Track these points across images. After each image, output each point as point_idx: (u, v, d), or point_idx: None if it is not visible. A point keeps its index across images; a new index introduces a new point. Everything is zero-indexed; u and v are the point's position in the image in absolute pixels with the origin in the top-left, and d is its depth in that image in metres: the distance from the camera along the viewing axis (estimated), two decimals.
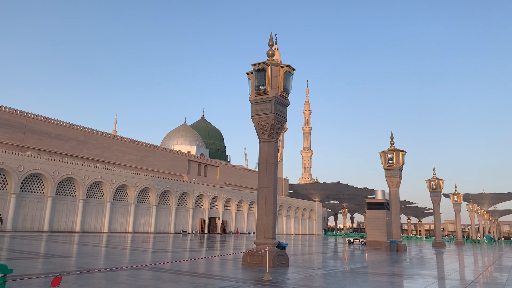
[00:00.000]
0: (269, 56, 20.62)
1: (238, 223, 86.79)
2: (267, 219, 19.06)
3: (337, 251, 37.44)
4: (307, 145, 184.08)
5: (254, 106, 20.18)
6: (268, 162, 19.74)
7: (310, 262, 23.21)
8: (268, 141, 19.88)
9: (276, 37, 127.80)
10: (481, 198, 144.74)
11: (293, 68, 20.28)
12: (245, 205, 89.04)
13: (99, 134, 69.38)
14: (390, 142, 42.76)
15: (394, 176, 41.62)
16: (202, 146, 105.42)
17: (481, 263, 28.35)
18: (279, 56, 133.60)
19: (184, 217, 72.88)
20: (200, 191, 76.11)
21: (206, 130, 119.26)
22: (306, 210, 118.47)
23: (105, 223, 58.28)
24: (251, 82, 20.42)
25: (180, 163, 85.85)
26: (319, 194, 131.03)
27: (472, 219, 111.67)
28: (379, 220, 51.86)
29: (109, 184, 58.79)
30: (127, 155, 73.71)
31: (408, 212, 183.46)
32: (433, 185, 63.45)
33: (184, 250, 29.32)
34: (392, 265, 23.15)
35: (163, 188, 67.89)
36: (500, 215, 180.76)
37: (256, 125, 20.12)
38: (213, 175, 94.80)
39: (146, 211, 65.53)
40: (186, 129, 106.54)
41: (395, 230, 42.42)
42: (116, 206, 60.47)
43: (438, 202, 64.01)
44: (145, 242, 38.29)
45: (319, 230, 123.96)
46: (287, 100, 20.51)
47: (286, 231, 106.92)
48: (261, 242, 18.72)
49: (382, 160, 42.44)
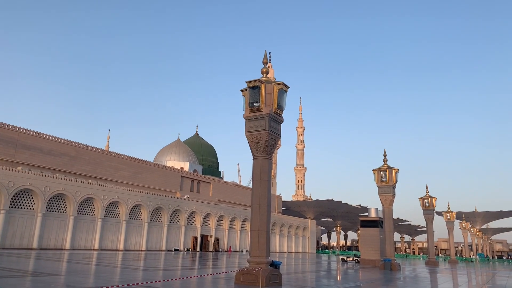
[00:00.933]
0: (263, 74, 20.78)
1: (231, 240, 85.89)
2: (260, 237, 18.88)
3: (331, 269, 37.09)
4: (300, 162, 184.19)
5: (248, 123, 20.22)
6: (262, 179, 19.67)
7: (303, 281, 22.94)
8: (262, 157, 19.86)
9: (270, 55, 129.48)
10: (474, 216, 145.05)
11: (287, 85, 20.44)
12: (238, 222, 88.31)
13: (91, 149, 68.95)
14: (383, 159, 42.94)
15: (388, 193, 41.64)
16: (195, 162, 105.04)
17: (474, 282, 28.22)
18: (272, 74, 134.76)
19: (176, 234, 71.99)
20: (193, 208, 75.45)
21: (200, 146, 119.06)
22: (300, 228, 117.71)
23: (96, 240, 57.35)
24: (245, 99, 20.51)
25: (172, 180, 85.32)
26: (313, 211, 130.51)
27: (465, 237, 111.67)
28: (372, 238, 51.64)
29: (100, 200, 58.10)
30: (119, 171, 73.15)
31: (401, 230, 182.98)
32: (426, 203, 63.56)
33: (176, 268, 28.86)
34: (386, 284, 22.95)
35: (155, 204, 67.23)
36: (493, 233, 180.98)
37: (250, 142, 20.12)
38: (206, 192, 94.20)
39: (138, 228, 64.67)
40: (179, 145, 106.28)
41: (388, 248, 42.20)
42: (107, 223, 59.65)
43: (431, 220, 64.02)
44: (136, 259, 37.66)
45: (312, 248, 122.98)
46: (281, 117, 20.59)
47: (279, 249, 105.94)
48: (254, 261, 18.49)
49: (375, 177, 42.52)
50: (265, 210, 19.25)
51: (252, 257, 18.73)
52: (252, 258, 18.71)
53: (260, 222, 19.10)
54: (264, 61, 21.17)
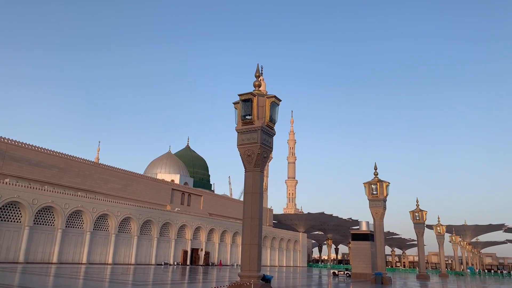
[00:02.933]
0: (255, 87, 20.88)
1: (222, 254, 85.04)
2: (252, 250, 18.72)
3: (322, 283, 36.82)
4: (291, 174, 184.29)
5: (240, 136, 20.23)
6: (254, 192, 19.60)
7: None
8: (254, 170, 19.83)
9: (262, 68, 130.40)
10: (464, 229, 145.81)
11: (279, 98, 20.54)
12: (228, 235, 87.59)
13: (81, 161, 68.23)
14: (374, 173, 43.12)
15: (379, 207, 41.71)
16: (186, 175, 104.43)
17: None
18: (264, 87, 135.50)
19: (166, 248, 71.10)
20: (183, 221, 74.73)
21: (191, 158, 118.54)
22: (291, 241, 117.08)
23: (84, 254, 56.34)
24: (237, 111, 20.56)
25: (163, 192, 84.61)
26: (304, 224, 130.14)
27: (455, 250, 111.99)
28: (364, 251, 51.47)
29: (89, 213, 57.28)
30: (109, 183, 72.38)
31: (392, 244, 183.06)
32: (416, 217, 63.69)
33: (166, 283, 28.42)
34: None
35: (145, 217, 66.46)
36: (482, 247, 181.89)
37: (242, 155, 20.10)
38: (196, 205, 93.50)
39: (127, 242, 63.75)
40: (170, 157, 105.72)
41: (379, 262, 42.11)
42: (96, 236, 58.72)
43: (422, 233, 64.09)
44: (125, 274, 37.04)
45: (303, 261, 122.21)
46: (273, 130, 20.64)
47: (270, 262, 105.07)
48: (245, 275, 18.30)
49: (366, 191, 42.61)
50: (256, 223, 19.14)
51: (244, 271, 18.54)
52: (244, 272, 18.51)
53: (251, 235, 18.96)
54: (256, 74, 21.31)
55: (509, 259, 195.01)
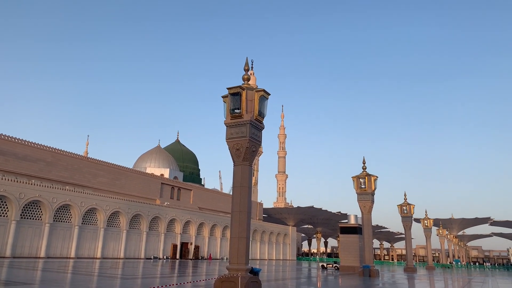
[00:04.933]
0: (244, 80, 20.82)
1: (211, 248, 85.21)
2: (240, 243, 18.78)
3: (311, 276, 37.17)
4: (282, 169, 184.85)
5: (229, 130, 20.19)
6: (243, 186, 19.62)
7: None
8: (242, 164, 19.83)
9: (252, 62, 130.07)
10: (451, 223, 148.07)
11: (268, 92, 20.51)
12: (218, 229, 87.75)
13: (69, 155, 67.58)
14: (362, 167, 43.47)
15: (367, 200, 42.12)
16: (176, 169, 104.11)
17: None
18: (254, 81, 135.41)
19: (155, 242, 70.99)
20: (173, 215, 74.62)
21: (181, 152, 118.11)
22: (280, 235, 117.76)
23: (72, 248, 55.99)
24: (226, 105, 20.49)
25: (152, 186, 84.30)
26: (293, 218, 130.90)
27: (442, 244, 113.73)
28: (352, 244, 52.05)
29: (77, 207, 56.86)
30: (97, 177, 71.87)
31: (380, 237, 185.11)
32: (404, 210, 64.44)
33: (155, 276, 28.41)
34: None
35: (134, 212, 66.20)
36: (469, 240, 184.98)
37: (230, 148, 20.07)
38: (186, 199, 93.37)
39: (116, 236, 63.49)
40: (159, 151, 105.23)
41: (367, 255, 42.60)
42: (84, 230, 58.36)
43: (409, 227, 64.91)
44: (114, 267, 36.94)
45: (293, 255, 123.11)
46: (262, 124, 20.64)
47: (260, 256, 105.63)
48: (233, 268, 18.36)
49: (354, 184, 42.97)
50: (245, 217, 19.19)
51: (232, 264, 18.60)
52: (232, 265, 18.58)
53: (240, 228, 19.02)
54: (246, 68, 21.23)
55: (494, 252, 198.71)
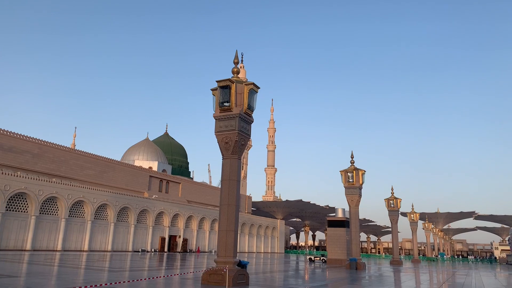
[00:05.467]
0: (234, 73, 20.74)
1: (200, 241, 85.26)
2: (228, 237, 18.84)
3: (298, 269, 37.47)
4: (271, 162, 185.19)
5: (218, 123, 20.14)
6: (231, 179, 19.64)
7: (271, 281, 23.07)
8: (231, 157, 19.83)
9: (242, 56, 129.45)
10: (436, 217, 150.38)
11: (258, 86, 20.49)
12: (207, 222, 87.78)
13: (56, 147, 66.72)
14: (350, 161, 43.79)
15: (354, 194, 42.47)
16: (165, 162, 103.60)
17: (436, 281, 29.25)
18: (244, 74, 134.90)
19: (143, 235, 70.75)
20: (161, 208, 74.37)
21: (169, 145, 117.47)
22: (269, 228, 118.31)
23: (59, 241, 55.50)
24: (215, 98, 20.43)
25: (140, 179, 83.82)
26: (282, 211, 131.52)
27: (427, 237, 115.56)
28: (339, 238, 52.57)
29: (64, 199, 56.30)
30: (85, 169, 71.17)
31: (367, 230, 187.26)
32: (391, 204, 65.13)
33: (143, 269, 28.35)
34: (352, 283, 23.41)
35: (122, 204, 65.80)
36: (454, 233, 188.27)
37: (219, 142, 20.05)
38: (175, 192, 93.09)
39: (104, 228, 63.09)
40: (148, 144, 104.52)
41: (354, 248, 43.06)
42: (71, 223, 57.86)
43: (396, 220, 65.68)
44: (101, 260, 36.75)
45: (281, 248, 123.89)
46: (251, 118, 20.63)
47: (248, 249, 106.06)
48: (221, 261, 18.43)
49: (342, 178, 43.28)
50: (233, 210, 19.23)
51: (219, 257, 18.67)
52: (219, 258, 18.65)
53: (228, 222, 19.07)
54: (235, 61, 21.14)
55: (478, 245, 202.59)
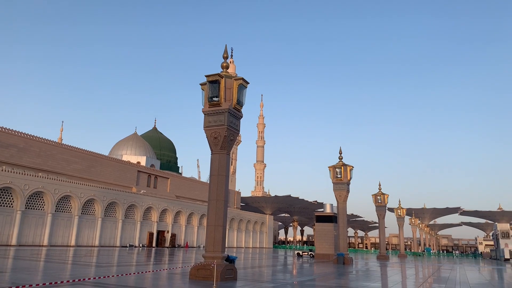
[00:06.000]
0: (223, 68, 20.65)
1: (188, 236, 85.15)
2: (216, 232, 18.83)
3: (287, 264, 37.69)
4: (260, 158, 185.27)
5: (207, 118, 20.05)
6: (220, 174, 19.60)
7: (259, 276, 23.16)
8: (220, 153, 19.78)
9: (232, 51, 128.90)
10: (423, 212, 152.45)
11: (247, 81, 20.44)
12: (195, 218, 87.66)
13: (42, 141, 65.84)
14: (339, 157, 44.02)
15: (342, 190, 42.72)
16: (153, 157, 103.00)
17: (421, 275, 29.69)
18: (234, 69, 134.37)
19: (131, 230, 70.39)
20: (149, 203, 74.03)
21: (158, 140, 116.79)
22: (258, 223, 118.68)
23: (45, 236, 54.92)
24: (204, 93, 20.32)
25: (128, 174, 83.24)
26: (271, 207, 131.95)
27: (414, 232, 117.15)
28: (327, 233, 53.01)
29: (51, 194, 55.65)
30: (72, 164, 70.40)
31: (355, 226, 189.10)
32: (378, 200, 65.73)
33: (130, 264, 28.22)
34: (339, 278, 23.64)
35: (109, 199, 65.31)
36: (439, 229, 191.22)
37: (208, 137, 19.97)
38: (163, 187, 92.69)
39: (91, 224, 62.59)
40: (136, 138, 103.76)
41: (342, 243, 43.43)
42: (58, 217, 57.26)
43: (383, 216, 66.38)
44: (89, 255, 36.48)
45: (269, 243, 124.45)
46: (240, 113, 20.58)
47: (237, 244, 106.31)
48: (209, 256, 18.43)
49: (331, 174, 43.51)
50: (222, 205, 19.22)
51: (208, 252, 18.67)
52: (208, 253, 18.64)
53: (216, 217, 19.05)
54: (225, 56, 21.04)
55: (463, 240, 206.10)
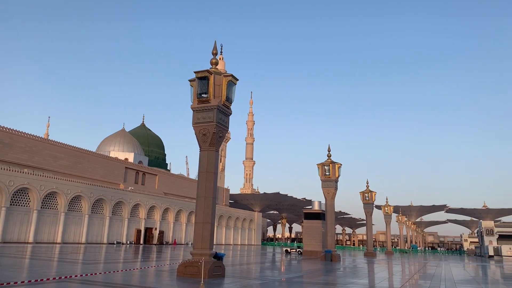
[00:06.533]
0: (212, 65, 20.56)
1: (176, 233, 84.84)
2: (205, 229, 18.79)
3: (275, 261, 37.81)
4: (249, 155, 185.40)
5: (196, 114, 19.96)
6: (209, 171, 19.55)
7: (247, 272, 23.20)
8: (209, 149, 19.72)
9: (221, 47, 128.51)
10: (410, 210, 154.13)
11: (236, 78, 20.38)
12: (184, 215, 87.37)
13: (28, 137, 64.85)
14: (327, 154, 44.25)
15: (330, 187, 42.97)
16: (141, 154, 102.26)
17: (407, 272, 30.05)
18: (223, 66, 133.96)
19: (118, 227, 69.83)
20: (137, 200, 73.52)
21: (146, 137, 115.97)
22: (246, 220, 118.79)
23: (31, 233, 54.15)
24: (193, 89, 20.21)
25: (116, 171, 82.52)
26: (260, 204, 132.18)
27: (401, 229, 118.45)
28: (315, 230, 53.28)
29: (37, 190, 54.87)
30: (58, 160, 69.49)
31: (343, 223, 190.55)
32: (366, 197, 66.25)
33: (118, 261, 28.01)
34: (327, 274, 23.80)
35: (96, 196, 64.67)
36: (426, 226, 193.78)
37: (197, 133, 19.88)
38: (151, 184, 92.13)
39: (78, 220, 61.92)
40: (124, 135, 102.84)
41: (330, 240, 43.71)
42: (44, 214, 56.50)
43: (371, 213, 66.95)
44: (75, 253, 36.10)
45: (258, 240, 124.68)
46: (229, 110, 20.52)
47: (226, 241, 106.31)
48: (197, 253, 18.39)
49: (319, 171, 43.72)
50: (210, 203, 19.17)
51: (196, 249, 18.62)
52: (196, 250, 18.60)
53: (205, 214, 19.00)
54: (214, 52, 20.94)
55: (449, 237, 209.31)
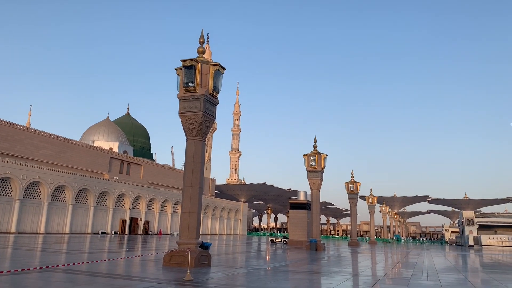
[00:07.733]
0: (199, 53, 20.36)
1: (162, 223, 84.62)
2: (191, 218, 18.79)
3: (260, 250, 38.10)
4: (235, 146, 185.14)
5: (182, 103, 19.79)
6: (195, 161, 19.48)
7: (233, 262, 23.33)
8: (195, 139, 19.62)
9: (208, 36, 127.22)
10: (393, 201, 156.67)
11: (224, 67, 20.24)
12: (169, 205, 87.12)
13: (9, 125, 63.52)
14: (313, 145, 44.50)
15: (316, 178, 43.27)
16: (126, 143, 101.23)
17: (390, 261, 30.63)
18: (210, 55, 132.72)
19: (103, 217, 69.30)
20: (122, 190, 72.95)
21: (131, 126, 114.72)
22: (232, 211, 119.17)
23: (13, 223, 53.38)
24: (180, 78, 20.01)
25: (100, 160, 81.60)
26: (245, 194, 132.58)
27: (384, 220, 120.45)
28: (300, 220, 53.78)
29: (19, 180, 53.96)
30: (41, 149, 68.33)
31: (328, 213, 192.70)
32: (351, 188, 66.95)
33: (102, 251, 27.84)
34: (311, 263, 24.09)
35: (80, 186, 63.94)
36: (408, 216, 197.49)
37: (183, 123, 19.74)
38: (136, 174, 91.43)
39: (61, 210, 61.22)
40: (108, 124, 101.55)
41: (315, 229, 44.20)
42: (26, 204, 55.67)
43: (355, 203, 67.79)
44: (59, 243, 35.75)
45: (244, 230, 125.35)
46: (216, 99, 20.41)
47: (211, 231, 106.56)
48: (183, 242, 18.39)
49: (305, 162, 43.96)
50: (196, 192, 19.15)
51: (182, 239, 18.62)
52: (182, 239, 18.60)
53: (191, 203, 18.98)
54: (201, 40, 20.73)
55: (431, 228, 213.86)
